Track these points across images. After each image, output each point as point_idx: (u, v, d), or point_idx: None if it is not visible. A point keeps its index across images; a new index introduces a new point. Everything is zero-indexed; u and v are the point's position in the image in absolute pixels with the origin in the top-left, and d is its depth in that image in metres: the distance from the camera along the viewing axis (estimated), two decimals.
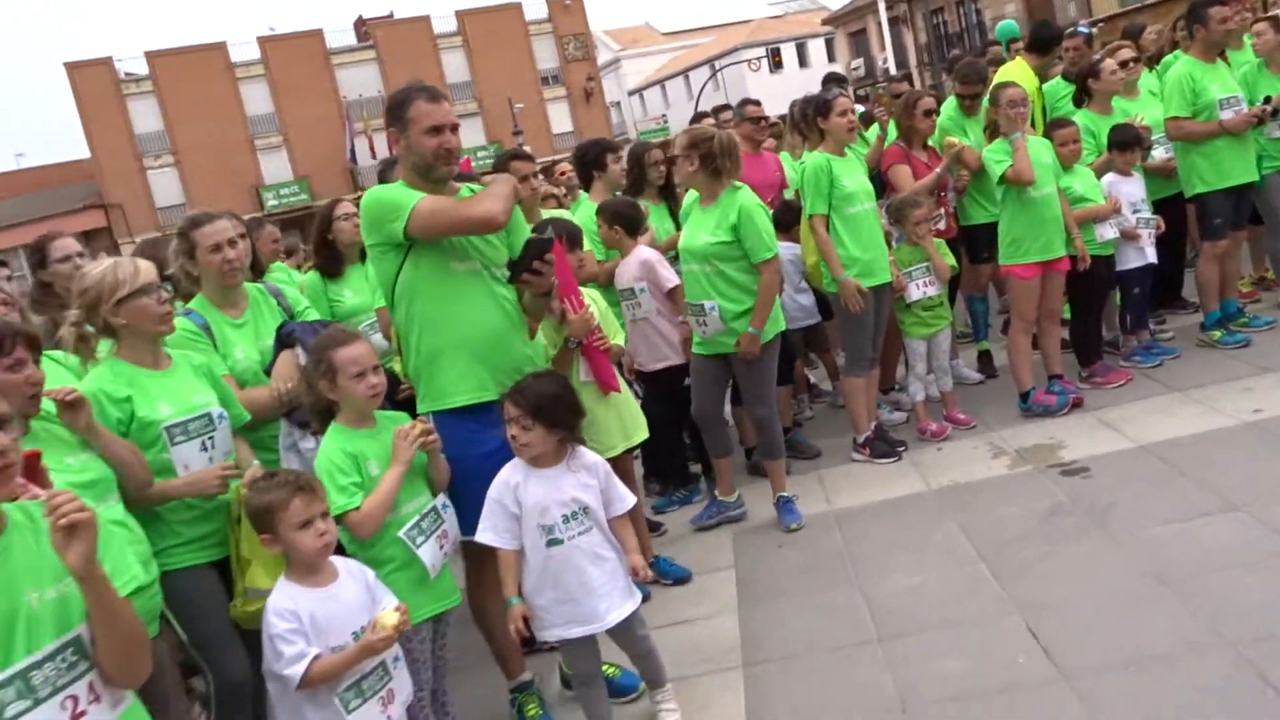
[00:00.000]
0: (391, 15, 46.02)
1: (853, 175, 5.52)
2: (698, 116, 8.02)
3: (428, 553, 3.18)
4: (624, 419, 4.48)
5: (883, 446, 5.61)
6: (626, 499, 3.46)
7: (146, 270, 3.30)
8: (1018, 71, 6.75)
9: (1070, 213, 5.70)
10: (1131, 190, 6.01)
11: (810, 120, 5.89)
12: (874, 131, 6.77)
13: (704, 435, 5.20)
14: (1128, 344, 6.30)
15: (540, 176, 5.50)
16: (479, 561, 3.56)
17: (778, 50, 41.24)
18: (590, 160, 5.69)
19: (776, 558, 4.70)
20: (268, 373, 3.79)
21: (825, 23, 49.13)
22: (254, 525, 2.76)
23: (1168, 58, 6.98)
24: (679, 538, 5.19)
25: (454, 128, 3.51)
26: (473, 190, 3.63)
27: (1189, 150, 6.16)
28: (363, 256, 5.03)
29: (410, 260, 3.47)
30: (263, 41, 42.40)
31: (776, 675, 3.68)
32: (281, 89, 41.96)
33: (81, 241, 4.99)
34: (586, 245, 4.95)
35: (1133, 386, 5.83)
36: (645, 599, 3.57)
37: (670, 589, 4.58)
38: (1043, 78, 7.00)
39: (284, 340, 3.81)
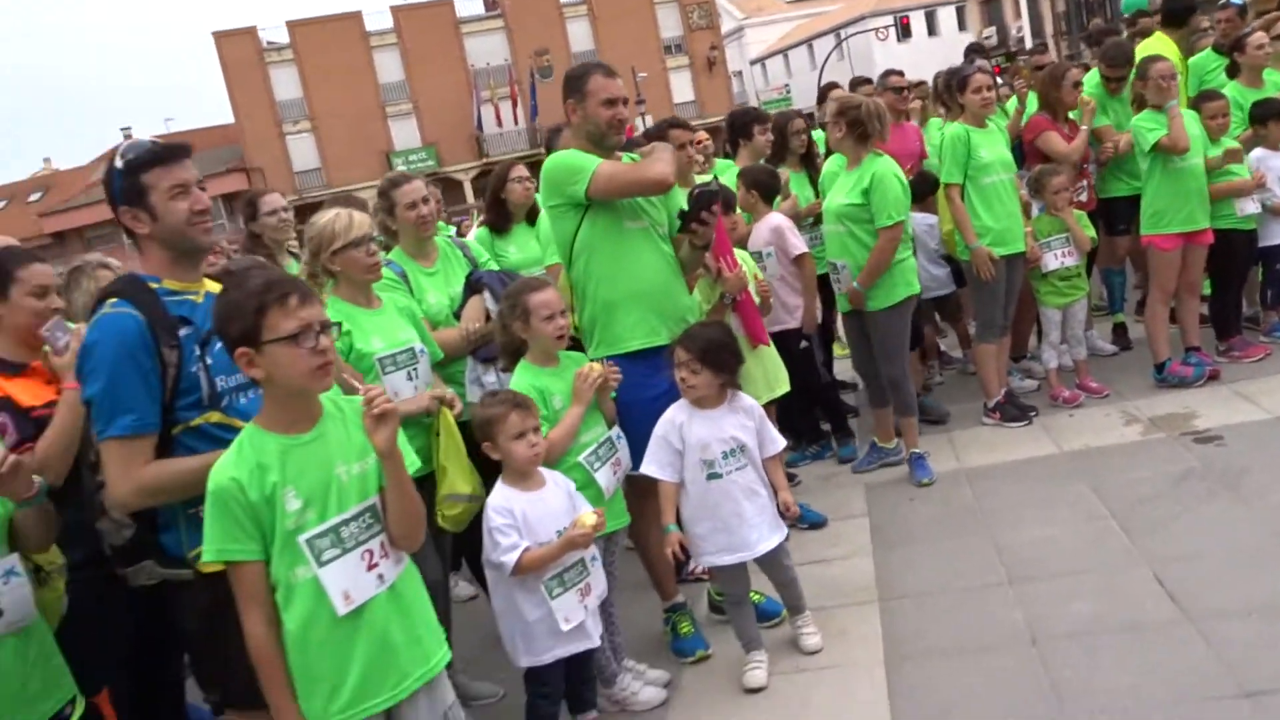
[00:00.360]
0: None
1: (991, 146, 5.69)
2: (826, 88, 8.16)
3: (603, 477, 3.58)
4: (767, 372, 4.83)
5: (1013, 411, 5.80)
6: (778, 441, 3.81)
7: (360, 224, 3.73)
8: (1159, 46, 6.73)
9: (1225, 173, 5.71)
10: None
11: (951, 92, 6.07)
12: (1014, 103, 6.88)
13: (866, 387, 5.55)
14: (1268, 319, 6.29)
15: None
16: (641, 496, 3.93)
17: (906, 18, 40.41)
18: (739, 128, 6.04)
19: (908, 509, 4.98)
20: (457, 315, 4.25)
21: None
22: (476, 434, 3.21)
23: None
24: (812, 488, 5.50)
25: (625, 101, 3.89)
26: (632, 158, 3.99)
27: None
28: (529, 218, 5.48)
29: (588, 219, 3.86)
30: (396, 11, 43.72)
31: (911, 610, 3.98)
32: (413, 57, 43.23)
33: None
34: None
35: (1271, 361, 5.86)
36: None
37: (806, 532, 4.89)
38: (1189, 50, 6.96)
39: (473, 286, 4.27)
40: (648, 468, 3.68)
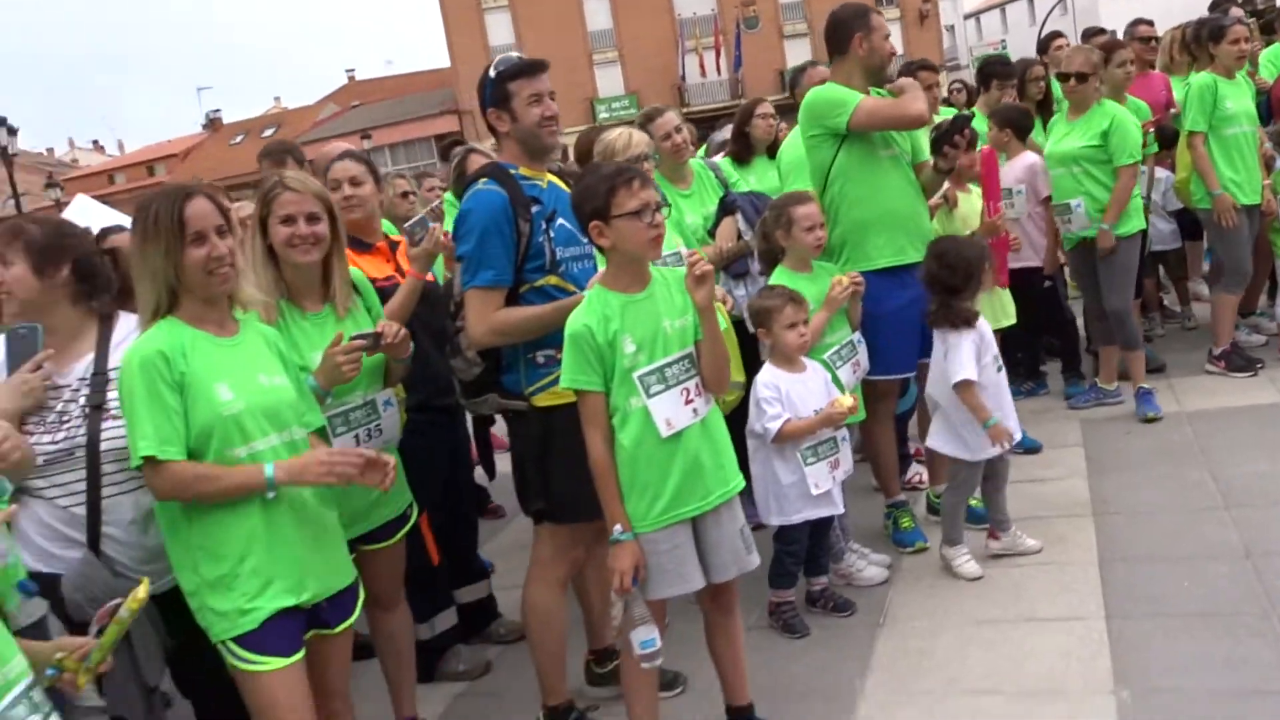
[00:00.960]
0: None
1: (1237, 98, 5.73)
2: (1049, 38, 8.10)
3: (844, 374, 4.00)
4: (994, 304, 5.10)
5: (1239, 361, 5.83)
6: None
7: (638, 143, 4.25)
8: None
9: None
10: None
11: (1201, 42, 6.07)
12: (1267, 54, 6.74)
13: (1090, 328, 5.85)
14: None
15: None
16: (876, 398, 4.35)
17: None
18: (984, 78, 6.38)
19: (1124, 442, 5.17)
20: (711, 233, 4.74)
21: None
22: (753, 321, 3.71)
23: None
24: (1026, 420, 5.61)
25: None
26: (879, 93, 4.34)
27: None
28: (769, 152, 5.89)
29: (844, 148, 4.27)
30: None
31: (1125, 525, 4.24)
32: (621, 5, 43.85)
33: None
34: None
35: None
36: None
37: (1022, 456, 5.12)
38: None
39: (727, 208, 4.75)
40: (969, 375, 3.90)
